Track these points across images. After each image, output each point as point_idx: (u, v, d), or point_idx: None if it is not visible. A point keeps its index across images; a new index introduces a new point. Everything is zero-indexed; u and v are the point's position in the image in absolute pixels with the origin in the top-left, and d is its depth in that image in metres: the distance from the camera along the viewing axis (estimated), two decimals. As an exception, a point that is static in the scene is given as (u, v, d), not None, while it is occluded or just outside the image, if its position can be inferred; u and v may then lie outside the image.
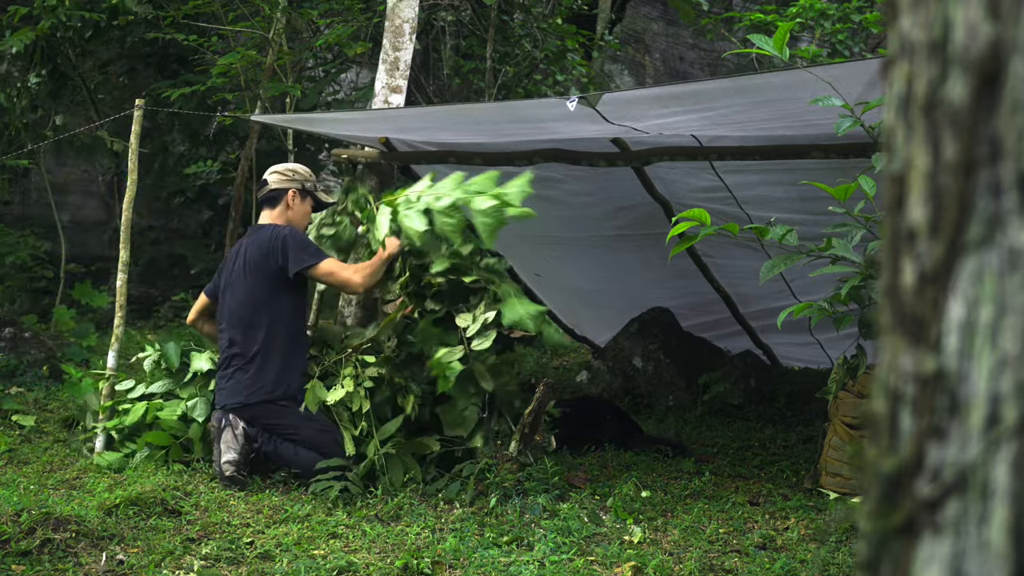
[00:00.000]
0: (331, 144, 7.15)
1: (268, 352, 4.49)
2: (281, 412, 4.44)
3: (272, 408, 4.44)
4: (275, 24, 7.28)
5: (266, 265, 4.55)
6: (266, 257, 4.54)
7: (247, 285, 4.58)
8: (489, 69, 8.72)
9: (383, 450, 4.26)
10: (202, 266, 9.04)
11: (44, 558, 3.37)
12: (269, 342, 4.50)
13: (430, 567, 3.38)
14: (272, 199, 4.76)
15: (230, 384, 4.50)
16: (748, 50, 5.34)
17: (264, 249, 4.56)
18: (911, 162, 0.83)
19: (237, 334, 4.55)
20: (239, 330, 4.55)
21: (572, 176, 5.71)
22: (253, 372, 4.47)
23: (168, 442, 4.61)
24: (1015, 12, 0.77)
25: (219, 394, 4.56)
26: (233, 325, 4.57)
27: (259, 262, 4.56)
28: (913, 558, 0.78)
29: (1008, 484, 0.74)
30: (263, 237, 4.61)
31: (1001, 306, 0.76)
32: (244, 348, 4.51)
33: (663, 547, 3.66)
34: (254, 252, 4.59)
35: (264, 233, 4.64)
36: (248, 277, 4.58)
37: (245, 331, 4.53)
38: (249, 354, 4.50)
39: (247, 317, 4.55)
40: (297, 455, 4.39)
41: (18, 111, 7.65)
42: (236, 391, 4.48)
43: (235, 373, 4.51)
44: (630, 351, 6.41)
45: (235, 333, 4.56)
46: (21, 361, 6.12)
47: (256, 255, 4.58)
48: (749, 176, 5.29)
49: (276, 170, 4.83)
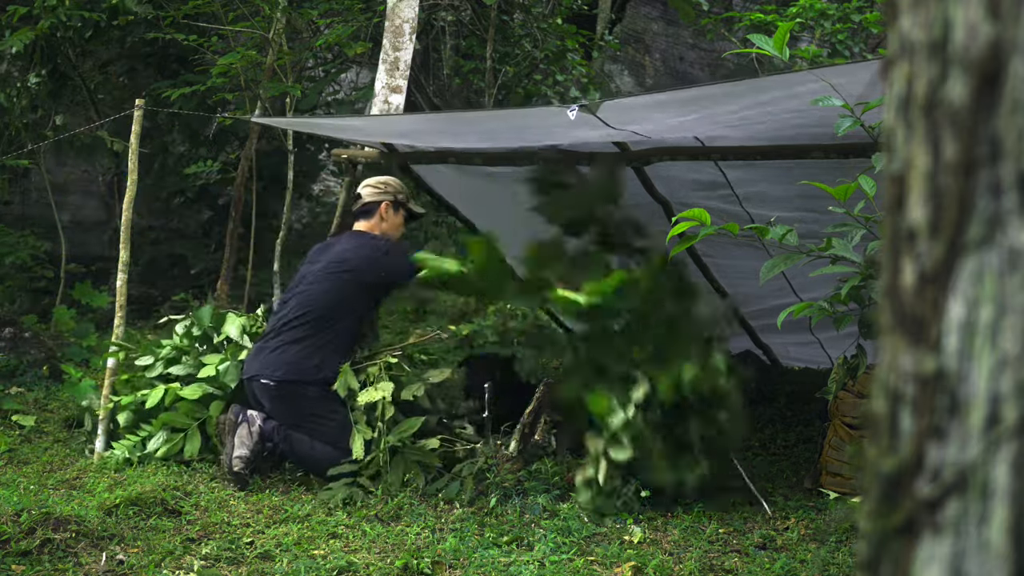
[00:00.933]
0: (331, 144, 7.16)
1: (325, 340, 4.56)
2: (311, 398, 4.47)
3: (305, 390, 4.46)
4: (275, 24, 7.28)
5: (364, 269, 4.67)
6: (368, 263, 4.68)
7: (337, 281, 4.66)
8: (489, 69, 8.72)
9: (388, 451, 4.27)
10: (202, 266, 9.04)
11: (44, 558, 3.37)
12: (330, 334, 4.58)
13: (430, 567, 3.39)
14: (367, 211, 4.90)
15: (273, 355, 4.53)
16: (748, 50, 5.34)
17: (365, 256, 4.70)
18: (911, 162, 0.83)
19: (304, 313, 4.60)
20: (309, 311, 4.60)
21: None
22: (301, 350, 4.52)
23: (187, 424, 4.63)
24: (1015, 12, 0.77)
25: (255, 361, 4.58)
26: (304, 304, 4.63)
27: (357, 265, 4.68)
28: (913, 558, 0.78)
29: (1008, 484, 0.74)
30: (366, 243, 4.77)
31: (1001, 306, 0.76)
32: (304, 327, 4.57)
33: (663, 547, 3.66)
34: (357, 256, 4.71)
35: (367, 240, 4.80)
36: (341, 275, 4.66)
37: (315, 315, 4.59)
38: (305, 334, 4.55)
39: (323, 306, 4.61)
40: (313, 450, 4.39)
41: (18, 111, 7.65)
42: (277, 363, 4.51)
43: (284, 345, 4.54)
44: (630, 351, 6.40)
45: (302, 311, 4.61)
46: (21, 361, 6.12)
47: (357, 258, 4.70)
48: (750, 172, 5.29)
49: (369, 183, 4.97)
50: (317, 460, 4.37)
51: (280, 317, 4.67)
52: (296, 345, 4.53)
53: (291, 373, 4.48)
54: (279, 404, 4.47)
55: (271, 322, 4.74)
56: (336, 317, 4.59)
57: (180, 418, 4.64)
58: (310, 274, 4.75)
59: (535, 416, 4.23)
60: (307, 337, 4.55)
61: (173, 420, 4.63)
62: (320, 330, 4.57)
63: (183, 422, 4.63)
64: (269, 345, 4.59)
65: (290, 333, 4.57)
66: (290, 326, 4.59)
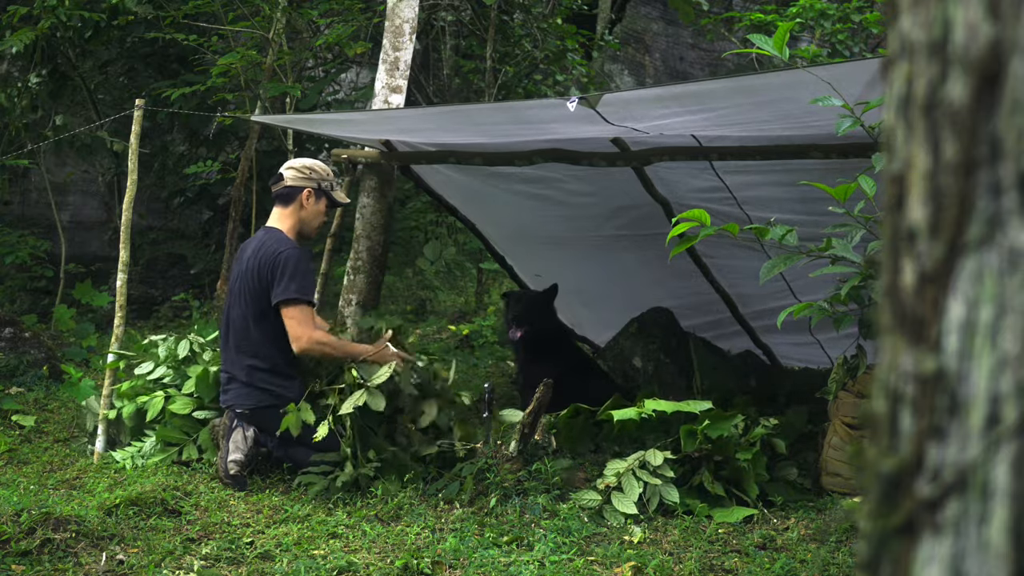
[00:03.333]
0: (331, 144, 7.15)
1: (270, 355, 4.45)
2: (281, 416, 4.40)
3: (278, 411, 4.38)
4: (275, 24, 7.28)
5: (265, 278, 4.45)
6: (267, 270, 4.44)
7: (251, 303, 4.48)
8: (489, 69, 8.72)
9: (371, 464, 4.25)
10: (202, 266, 9.04)
11: (44, 558, 3.37)
12: (272, 349, 4.45)
13: (430, 567, 3.39)
14: (286, 196, 4.65)
15: (239, 385, 4.48)
16: (748, 50, 5.34)
17: (263, 263, 4.45)
18: (911, 162, 0.83)
19: (240, 339, 4.50)
20: (242, 338, 4.49)
21: (572, 176, 5.71)
22: (257, 374, 4.45)
23: (182, 439, 4.63)
24: (1015, 12, 0.77)
25: (226, 392, 4.54)
26: (236, 331, 4.52)
27: (260, 274, 4.46)
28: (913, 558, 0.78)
29: (1008, 484, 0.74)
30: (268, 251, 4.48)
31: (1001, 306, 0.76)
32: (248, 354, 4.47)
33: (663, 547, 3.66)
34: (256, 263, 4.49)
35: (268, 245, 4.52)
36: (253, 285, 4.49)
37: (249, 340, 4.48)
38: (251, 359, 4.46)
39: (252, 329, 4.48)
40: (308, 454, 4.37)
41: (18, 111, 7.65)
42: (245, 394, 4.45)
43: (242, 372, 4.47)
44: (630, 351, 6.41)
45: (238, 339, 4.51)
46: (21, 361, 6.12)
47: (259, 266, 4.47)
48: (749, 176, 5.29)
49: (292, 166, 4.71)
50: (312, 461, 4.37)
51: (225, 340, 4.56)
52: (250, 370, 4.43)
53: (260, 400, 4.42)
54: (263, 424, 4.44)
55: (222, 340, 4.61)
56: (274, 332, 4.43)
57: (174, 433, 4.64)
58: (233, 288, 4.59)
59: (535, 416, 4.23)
60: (254, 362, 4.44)
61: (168, 435, 4.63)
62: (260, 350, 4.44)
63: (177, 437, 4.64)
64: (232, 373, 4.49)
65: (240, 359, 4.47)
66: (237, 352, 4.48)
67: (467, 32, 9.98)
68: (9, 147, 7.60)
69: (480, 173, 5.92)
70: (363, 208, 5.92)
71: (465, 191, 6.27)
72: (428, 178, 6.17)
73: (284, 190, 4.66)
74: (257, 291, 4.46)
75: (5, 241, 7.85)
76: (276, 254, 4.44)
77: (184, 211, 9.56)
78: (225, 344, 4.58)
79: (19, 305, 8.06)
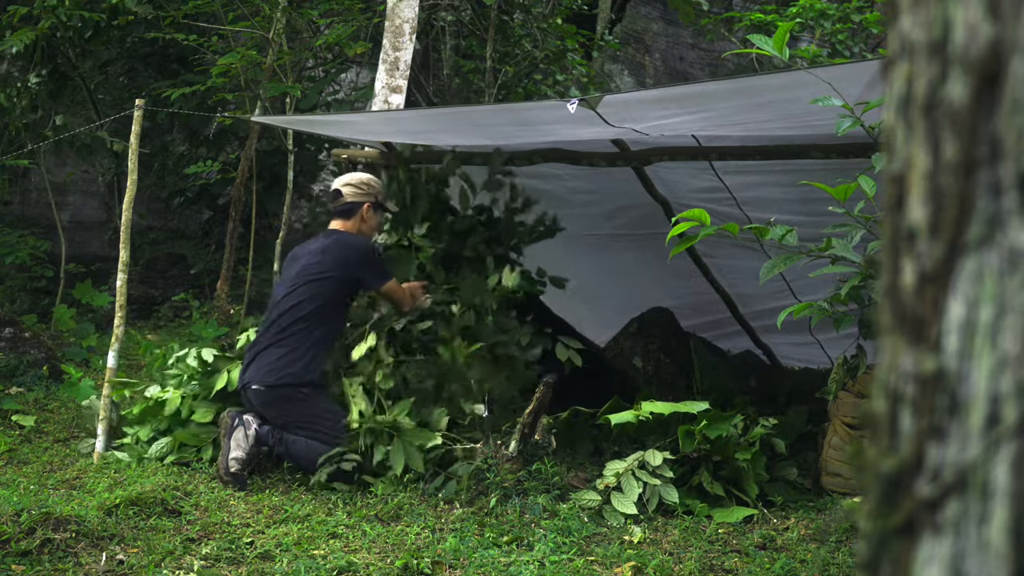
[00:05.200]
0: (331, 144, 7.15)
1: (310, 343, 4.61)
2: (302, 400, 4.53)
3: (296, 393, 4.52)
4: (275, 24, 7.28)
5: (341, 272, 4.68)
6: (345, 265, 4.69)
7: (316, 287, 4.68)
8: (489, 69, 8.72)
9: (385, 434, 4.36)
10: (202, 266, 9.04)
11: (44, 558, 3.37)
12: (314, 337, 4.63)
13: (430, 567, 3.38)
14: (347, 211, 4.87)
15: (263, 362, 4.59)
16: (748, 50, 5.34)
17: (343, 258, 4.70)
18: (911, 162, 0.83)
19: (288, 319, 4.64)
20: (292, 317, 4.64)
21: (572, 175, 5.71)
22: (287, 354, 4.57)
23: (202, 443, 4.71)
24: (1015, 12, 0.77)
25: (247, 369, 4.65)
26: (287, 310, 4.67)
27: (335, 267, 4.69)
28: (913, 558, 0.78)
29: (1008, 484, 0.74)
30: (344, 246, 4.75)
31: (1001, 306, 0.76)
32: (289, 332, 4.62)
33: (663, 547, 3.66)
34: (334, 258, 4.71)
35: (345, 242, 4.78)
36: (318, 276, 4.69)
37: (299, 321, 4.63)
38: (291, 339, 4.60)
39: (306, 311, 4.64)
40: (309, 449, 4.43)
41: (18, 111, 7.65)
42: (267, 370, 4.56)
43: (272, 350, 4.60)
44: (630, 351, 6.41)
45: (286, 318, 4.65)
46: (21, 361, 6.13)
47: (334, 261, 4.70)
48: (749, 177, 5.28)
49: (350, 182, 4.94)
50: (313, 460, 4.39)
51: (267, 324, 4.73)
52: (283, 349, 4.58)
53: (281, 378, 4.53)
54: (273, 408, 4.53)
55: (260, 328, 4.80)
56: (318, 320, 4.65)
57: (193, 439, 4.73)
58: (289, 279, 4.80)
59: (535, 416, 4.23)
60: (293, 342, 4.60)
61: (187, 438, 4.71)
62: (305, 334, 4.62)
63: (197, 442, 4.72)
64: (259, 352, 4.64)
65: (277, 339, 4.62)
66: (276, 332, 4.64)
67: (467, 32, 9.98)
68: (9, 147, 7.60)
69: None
70: (363, 208, 5.91)
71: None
72: (428, 178, 6.16)
73: (344, 206, 4.89)
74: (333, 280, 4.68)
75: (5, 241, 7.85)
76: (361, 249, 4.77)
77: (184, 211, 9.56)
78: (266, 329, 4.71)
79: (19, 305, 8.06)
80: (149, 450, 4.69)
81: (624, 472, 4.05)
